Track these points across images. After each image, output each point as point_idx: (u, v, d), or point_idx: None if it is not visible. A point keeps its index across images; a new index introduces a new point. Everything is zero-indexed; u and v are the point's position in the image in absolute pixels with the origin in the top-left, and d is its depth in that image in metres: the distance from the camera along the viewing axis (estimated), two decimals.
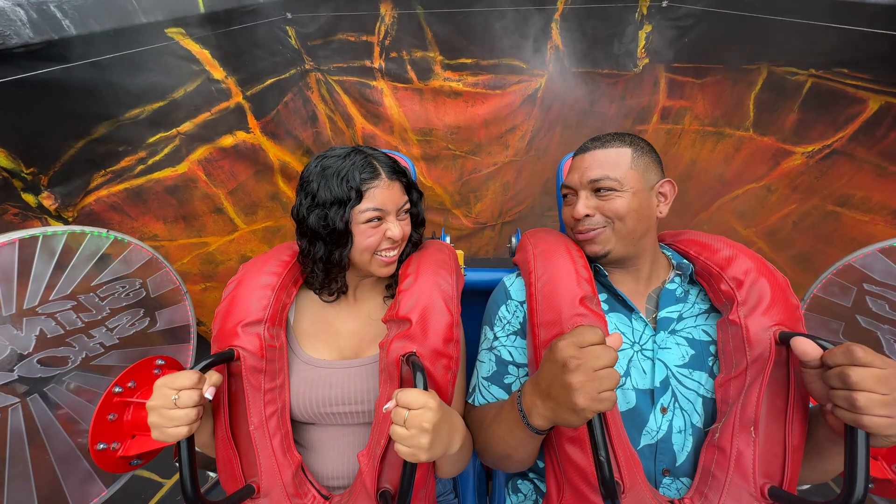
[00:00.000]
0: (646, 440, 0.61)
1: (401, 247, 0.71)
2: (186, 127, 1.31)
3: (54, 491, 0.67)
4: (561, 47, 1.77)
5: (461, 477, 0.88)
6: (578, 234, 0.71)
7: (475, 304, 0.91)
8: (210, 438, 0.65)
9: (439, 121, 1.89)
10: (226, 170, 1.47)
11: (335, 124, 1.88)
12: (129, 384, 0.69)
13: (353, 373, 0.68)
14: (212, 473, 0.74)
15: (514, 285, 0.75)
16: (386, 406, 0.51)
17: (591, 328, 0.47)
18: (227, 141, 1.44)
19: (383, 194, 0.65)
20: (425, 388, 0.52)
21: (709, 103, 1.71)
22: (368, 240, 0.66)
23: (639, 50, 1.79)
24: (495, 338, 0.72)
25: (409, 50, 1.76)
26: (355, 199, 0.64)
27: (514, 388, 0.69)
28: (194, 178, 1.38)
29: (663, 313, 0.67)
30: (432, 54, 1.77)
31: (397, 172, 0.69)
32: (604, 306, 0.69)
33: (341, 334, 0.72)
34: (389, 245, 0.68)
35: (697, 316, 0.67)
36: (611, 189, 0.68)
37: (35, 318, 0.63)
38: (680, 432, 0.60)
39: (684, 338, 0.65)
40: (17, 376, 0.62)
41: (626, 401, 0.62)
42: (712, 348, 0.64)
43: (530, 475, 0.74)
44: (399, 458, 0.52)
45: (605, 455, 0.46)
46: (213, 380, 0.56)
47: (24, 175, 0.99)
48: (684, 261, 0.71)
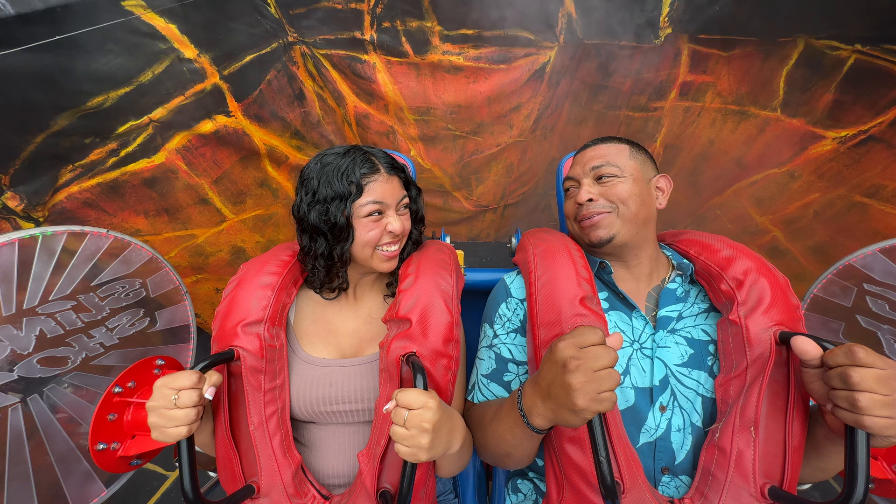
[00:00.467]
0: (644, 438, 0.67)
1: (401, 242, 0.79)
2: (159, 113, 1.30)
3: (54, 491, 0.74)
4: (575, 16, 1.74)
5: (461, 477, 0.95)
6: (582, 222, 0.80)
7: (475, 304, 0.98)
8: (210, 438, 0.71)
9: (438, 99, 1.89)
10: (207, 158, 1.48)
11: (325, 103, 1.88)
12: (129, 384, 0.76)
13: (353, 371, 0.75)
14: (212, 473, 0.81)
15: (514, 283, 0.82)
16: (386, 407, 0.56)
17: (592, 329, 0.52)
18: (207, 126, 1.43)
19: (383, 188, 0.73)
20: (425, 388, 0.57)
21: (734, 79, 1.70)
22: (369, 234, 0.73)
23: (661, 18, 1.76)
24: (495, 335, 0.80)
25: (403, 19, 1.72)
26: (356, 193, 0.71)
27: (513, 385, 0.76)
28: (173, 168, 1.39)
29: (663, 312, 0.74)
30: (430, 24, 1.74)
31: (395, 168, 0.77)
32: (604, 304, 0.76)
33: (341, 333, 0.80)
34: (390, 239, 0.76)
35: (697, 315, 0.74)
36: (612, 175, 0.78)
37: (35, 318, 0.70)
38: (679, 431, 0.67)
39: (683, 337, 0.72)
40: (17, 376, 0.69)
41: (625, 399, 0.69)
42: (711, 348, 0.71)
43: (530, 475, 0.82)
44: (399, 458, 0.58)
45: (605, 455, 0.50)
46: (213, 380, 0.62)
47: None
48: (684, 260, 0.78)
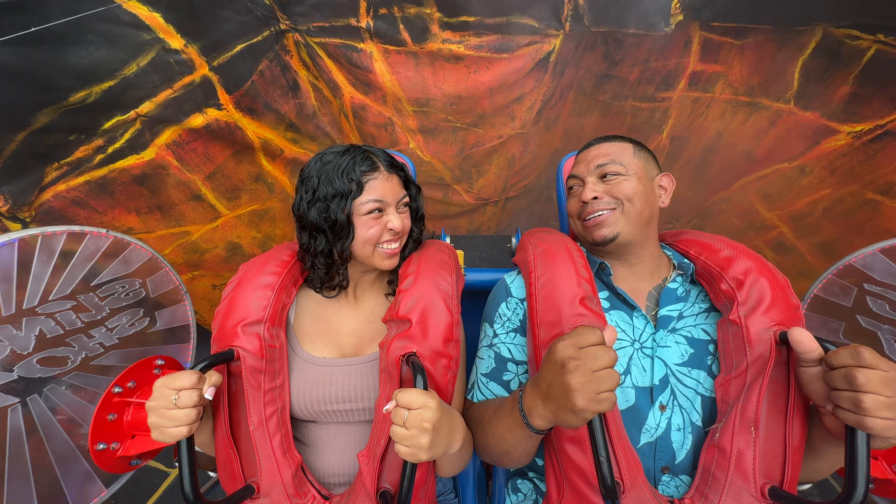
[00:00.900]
0: (645, 438, 0.71)
1: (402, 240, 0.83)
2: (146, 108, 1.28)
3: (54, 491, 0.78)
4: (582, 2, 1.71)
5: (461, 477, 0.99)
6: (587, 220, 0.83)
7: (475, 304, 1.01)
8: (210, 438, 0.75)
9: (438, 89, 1.89)
10: (199, 153, 1.48)
11: (320, 94, 1.87)
12: (129, 384, 0.80)
13: (354, 370, 0.79)
14: (212, 473, 0.85)
15: (514, 283, 0.86)
16: (386, 407, 0.59)
17: (591, 329, 0.54)
18: (197, 120, 1.42)
19: (383, 186, 0.77)
20: (425, 388, 0.60)
21: (747, 69, 1.69)
22: (370, 231, 0.76)
23: (673, 5, 1.71)
24: (495, 335, 0.83)
25: (401, 6, 1.70)
26: (356, 191, 0.75)
27: (512, 385, 0.80)
28: (164, 164, 1.39)
29: (664, 311, 0.77)
30: (429, 11, 1.72)
31: (395, 166, 0.81)
32: (605, 304, 0.80)
33: (341, 332, 0.83)
34: (390, 237, 0.79)
35: (697, 315, 0.78)
36: (617, 173, 0.81)
37: (35, 318, 0.73)
38: (679, 430, 0.71)
39: (684, 336, 0.76)
40: (16, 376, 0.73)
41: (625, 399, 0.72)
42: (711, 347, 0.74)
43: (530, 475, 0.86)
44: (399, 457, 0.61)
45: (605, 455, 0.52)
46: (213, 380, 0.65)
47: None
48: (685, 260, 0.82)
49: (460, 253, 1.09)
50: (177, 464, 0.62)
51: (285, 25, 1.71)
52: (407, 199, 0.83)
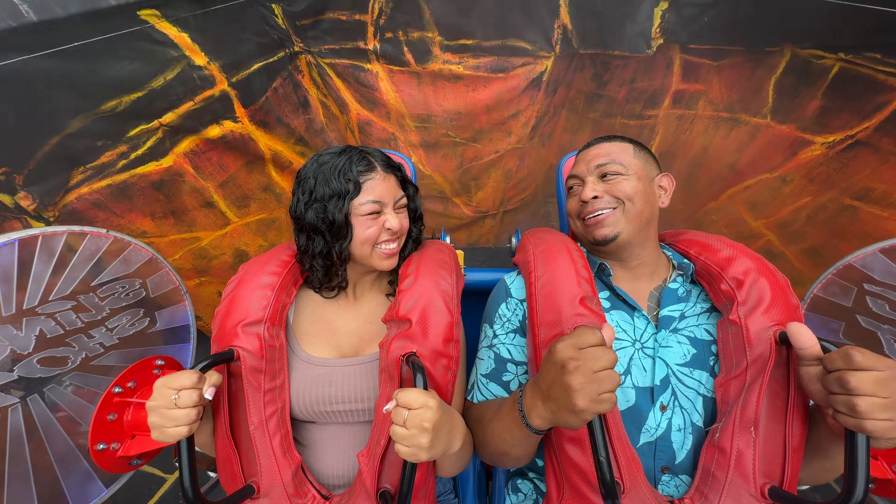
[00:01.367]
0: (645, 438, 0.65)
1: (401, 240, 0.77)
2: (169, 118, 1.31)
3: (54, 491, 0.72)
4: (570, 27, 1.76)
5: (461, 477, 0.93)
6: (587, 219, 0.77)
7: (475, 304, 0.96)
8: (210, 438, 0.69)
9: (438, 106, 1.90)
10: (214, 162, 1.48)
11: (328, 110, 1.89)
12: (129, 384, 0.74)
13: (353, 371, 0.73)
14: (212, 473, 0.79)
15: (514, 283, 0.80)
16: (386, 407, 0.55)
17: (591, 330, 0.50)
18: (214, 131, 1.44)
19: (380, 186, 0.72)
20: (425, 388, 0.56)
21: (725, 87, 1.72)
22: (368, 231, 0.71)
23: (653, 29, 1.77)
24: (495, 335, 0.77)
25: (405, 30, 1.74)
26: (353, 191, 0.69)
27: (512, 385, 0.74)
28: (181, 171, 1.39)
29: (665, 311, 0.72)
30: (430, 35, 1.75)
31: (392, 167, 0.76)
32: (605, 304, 0.74)
33: (341, 333, 0.77)
34: (388, 237, 0.73)
35: (699, 315, 0.72)
36: (617, 173, 0.76)
37: (35, 318, 0.68)
38: (679, 430, 0.65)
39: (686, 336, 0.70)
40: (16, 376, 0.67)
41: (626, 399, 0.67)
42: (714, 348, 0.69)
43: (530, 475, 0.79)
44: (399, 457, 0.56)
45: (605, 455, 0.49)
46: (213, 380, 0.60)
47: None
48: (685, 260, 0.76)
49: (460, 253, 1.04)
50: (177, 464, 0.58)
51: (299, 48, 1.77)
52: (405, 199, 0.77)
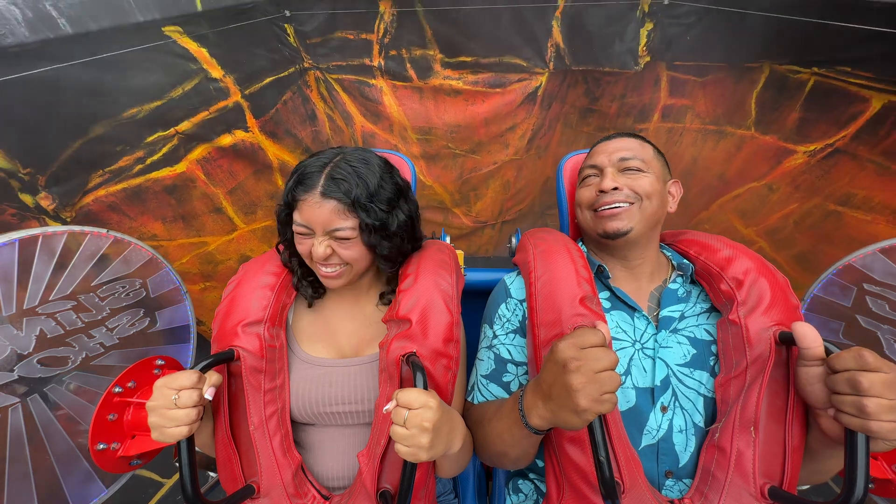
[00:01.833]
0: (647, 440, 0.61)
1: (345, 267, 0.66)
2: (185, 126, 1.32)
3: (54, 491, 0.68)
4: (562, 45, 1.77)
5: (461, 477, 0.89)
6: (602, 210, 0.71)
7: (475, 304, 0.92)
8: (210, 438, 0.65)
9: (439, 119, 1.90)
10: (224, 169, 1.48)
11: (334, 123, 1.89)
12: (129, 384, 0.70)
13: (353, 371, 0.69)
14: (212, 473, 0.75)
15: (514, 284, 0.76)
16: (386, 407, 0.51)
17: (592, 330, 0.47)
18: (226, 140, 1.44)
19: (310, 211, 0.61)
20: (425, 388, 0.52)
21: (710, 102, 1.71)
22: (302, 249, 0.65)
23: (640, 48, 1.80)
24: (494, 336, 0.73)
25: (408, 48, 1.76)
26: (292, 204, 0.64)
27: (512, 386, 0.70)
28: (193, 177, 1.38)
29: (665, 312, 0.68)
30: (432, 52, 1.77)
31: (341, 192, 0.60)
32: (605, 304, 0.70)
33: (341, 333, 0.73)
34: (319, 261, 0.64)
35: (699, 315, 0.68)
36: (639, 169, 0.72)
37: (35, 318, 0.64)
38: (681, 432, 0.61)
39: (686, 337, 0.66)
40: (17, 376, 0.63)
41: (626, 399, 0.63)
42: (714, 348, 0.65)
43: (531, 475, 0.75)
44: (399, 457, 0.53)
45: (605, 455, 0.47)
46: (213, 380, 0.56)
47: (21, 175, 1.00)
48: (685, 261, 0.72)
49: (460, 253, 1.00)
50: (177, 464, 0.55)
51: (308, 64, 1.79)
52: (345, 232, 0.62)
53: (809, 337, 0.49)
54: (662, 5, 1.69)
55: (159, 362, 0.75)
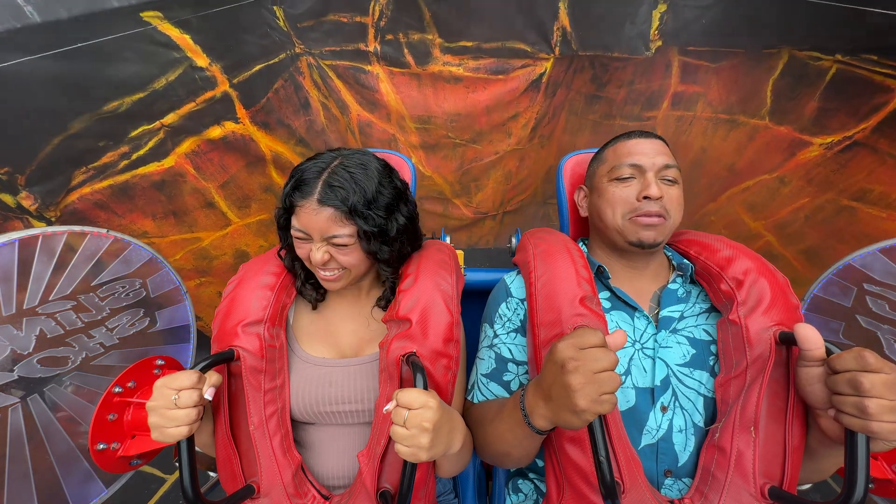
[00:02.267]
0: (646, 440, 0.65)
1: (344, 271, 0.69)
2: (171, 119, 1.31)
3: (54, 491, 0.72)
4: (569, 29, 1.75)
5: (461, 477, 0.92)
6: (641, 217, 0.71)
7: (475, 304, 0.95)
8: (210, 438, 0.69)
9: (438, 108, 1.89)
10: (215, 162, 1.48)
11: (329, 111, 1.88)
12: (129, 384, 0.73)
13: (353, 371, 0.73)
14: (212, 473, 0.79)
15: (514, 283, 0.80)
16: (386, 407, 0.54)
17: (592, 330, 0.50)
18: (216, 132, 1.44)
19: (307, 217, 0.64)
20: (425, 388, 0.55)
21: (723, 89, 1.71)
22: (300, 252, 0.69)
23: (652, 31, 1.77)
24: (495, 335, 0.77)
25: (405, 32, 1.74)
26: (290, 209, 0.67)
27: (513, 385, 0.73)
28: (182, 172, 1.39)
29: (665, 312, 0.71)
30: (431, 37, 1.75)
31: (338, 199, 0.63)
32: (606, 304, 0.73)
33: (341, 333, 0.77)
34: (317, 266, 0.68)
35: (698, 315, 0.72)
36: (675, 180, 0.73)
37: (35, 318, 0.68)
38: (681, 431, 0.64)
39: (686, 337, 0.69)
40: (17, 376, 0.67)
41: (626, 400, 0.66)
42: (713, 348, 0.68)
43: (531, 475, 0.79)
44: (399, 457, 0.55)
45: (605, 455, 0.49)
46: (213, 380, 0.59)
47: None
48: (685, 261, 0.76)
49: (460, 253, 1.03)
50: (177, 464, 0.58)
51: (300, 49, 1.76)
52: (342, 239, 0.65)
53: (811, 339, 0.51)
54: None
55: (159, 362, 0.78)
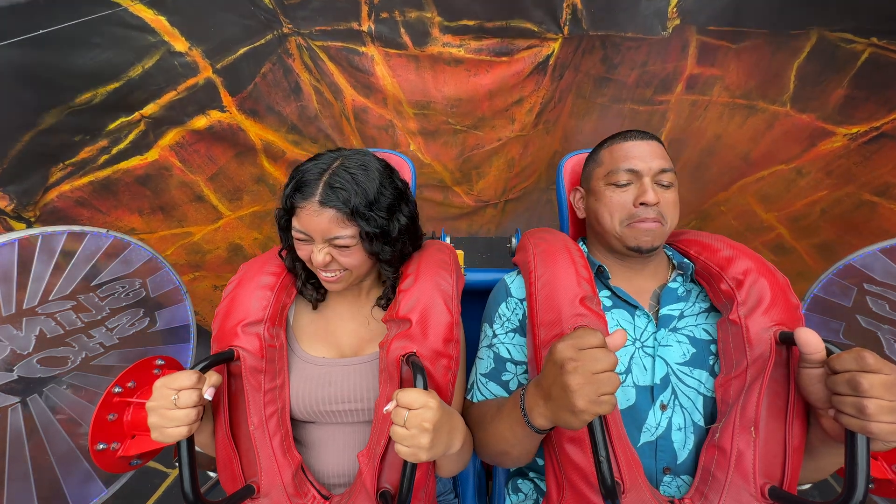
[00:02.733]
0: (645, 437, 0.70)
1: (345, 272, 0.74)
2: (151, 109, 1.29)
3: (54, 491, 0.77)
4: (580, 6, 1.71)
5: (461, 477, 0.98)
6: (639, 224, 0.76)
7: (475, 304, 1.00)
8: (210, 438, 0.74)
9: (438, 92, 1.89)
10: (202, 154, 1.48)
11: (322, 96, 1.87)
12: (129, 384, 0.79)
13: (353, 371, 0.78)
14: (212, 473, 0.84)
15: (514, 283, 0.84)
16: (386, 408, 0.58)
17: (592, 331, 0.53)
18: (201, 122, 1.43)
19: (308, 219, 0.68)
20: (425, 388, 0.59)
21: (743, 72, 1.69)
22: (301, 253, 0.73)
23: (670, 9, 1.71)
24: (494, 335, 0.82)
25: (402, 10, 1.71)
26: (290, 211, 0.71)
27: (511, 385, 0.78)
28: (167, 165, 1.39)
29: (665, 310, 0.76)
30: (429, 15, 1.72)
31: (339, 201, 0.67)
32: (607, 302, 0.78)
33: (341, 333, 0.82)
34: (319, 267, 0.72)
35: (698, 315, 0.76)
36: (671, 184, 0.77)
37: (35, 318, 0.72)
38: (680, 430, 0.69)
39: (686, 336, 0.74)
40: (16, 376, 0.72)
41: (626, 398, 0.71)
42: (713, 347, 0.73)
43: (531, 475, 0.84)
44: (399, 458, 0.60)
45: (605, 455, 0.52)
46: (213, 380, 0.64)
47: None
48: (685, 260, 0.80)
49: (460, 253, 1.08)
50: (177, 464, 0.62)
51: (288, 29, 1.72)
52: (344, 240, 0.69)
53: (812, 343, 0.55)
54: None
55: (159, 362, 0.84)
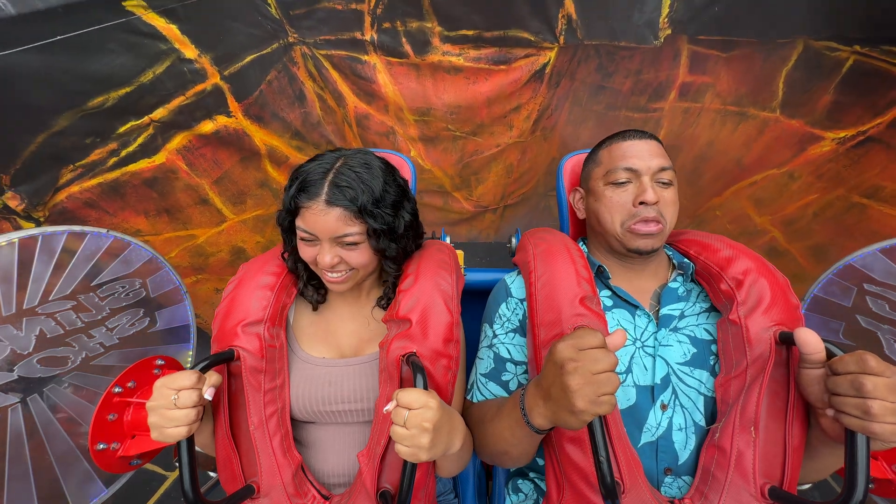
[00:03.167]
0: (646, 437, 0.68)
1: (350, 272, 0.72)
2: (160, 114, 1.31)
3: (54, 491, 0.75)
4: (575, 16, 1.75)
5: (461, 477, 0.96)
6: (639, 226, 0.73)
7: (475, 304, 0.98)
8: (210, 438, 0.72)
9: (438, 99, 1.91)
10: (208, 158, 1.50)
11: (325, 103, 1.89)
12: (129, 384, 0.76)
13: (353, 371, 0.76)
14: (212, 473, 0.82)
15: (514, 283, 0.82)
16: (386, 408, 0.56)
17: (592, 331, 0.51)
18: (207, 127, 1.45)
19: (314, 219, 0.66)
20: (425, 388, 0.58)
21: (734, 80, 1.72)
22: (305, 254, 0.71)
23: (661, 19, 1.76)
24: (494, 335, 0.80)
25: (403, 20, 1.74)
26: (295, 213, 0.69)
27: (511, 385, 0.76)
28: (174, 168, 1.40)
29: (665, 310, 0.74)
30: (430, 25, 1.75)
31: (341, 200, 0.65)
32: (607, 302, 0.76)
33: (341, 333, 0.80)
34: (325, 268, 0.70)
35: (699, 314, 0.74)
36: (670, 183, 0.75)
37: (35, 318, 0.71)
38: (681, 430, 0.67)
39: (686, 335, 0.72)
40: (16, 376, 0.70)
41: (626, 398, 0.69)
42: (713, 347, 0.71)
43: (531, 475, 0.82)
44: (399, 457, 0.58)
45: (605, 455, 0.51)
46: (213, 380, 0.62)
47: None
48: (685, 260, 0.79)
49: (460, 253, 1.06)
50: (177, 464, 0.60)
51: (293, 38, 1.76)
52: (351, 237, 0.68)
53: (812, 343, 0.54)
54: None
55: (159, 362, 0.81)
